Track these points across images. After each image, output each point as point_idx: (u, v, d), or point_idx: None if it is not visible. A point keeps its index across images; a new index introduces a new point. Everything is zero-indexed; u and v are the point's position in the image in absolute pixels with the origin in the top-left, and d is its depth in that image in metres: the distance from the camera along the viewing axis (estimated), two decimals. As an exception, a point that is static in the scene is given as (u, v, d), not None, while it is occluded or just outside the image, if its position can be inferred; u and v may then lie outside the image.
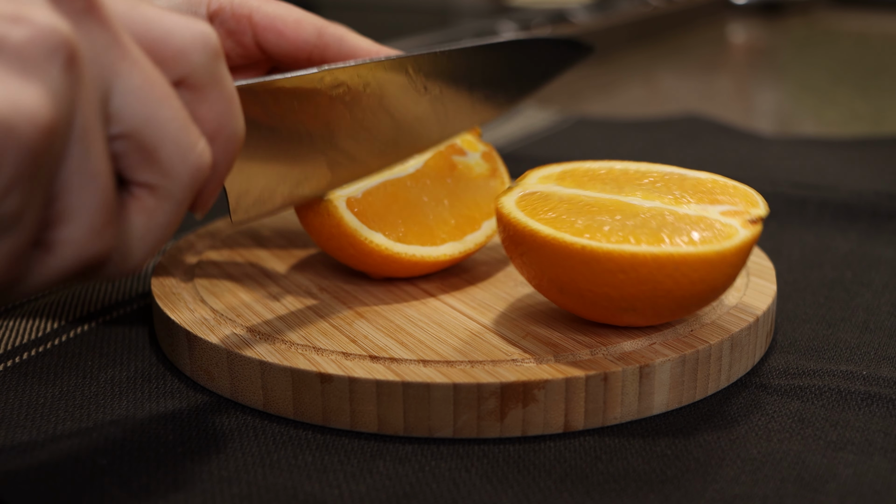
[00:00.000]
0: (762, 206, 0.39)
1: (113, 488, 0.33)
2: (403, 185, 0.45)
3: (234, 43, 0.47)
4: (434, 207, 0.46)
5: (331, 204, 0.43)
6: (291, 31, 0.47)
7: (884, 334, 0.44)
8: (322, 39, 0.47)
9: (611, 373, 0.37)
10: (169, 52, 0.30)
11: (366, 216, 0.43)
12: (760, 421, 0.38)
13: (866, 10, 1.71)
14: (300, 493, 0.33)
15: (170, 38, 0.30)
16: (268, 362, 0.38)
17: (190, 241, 0.50)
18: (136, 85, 0.29)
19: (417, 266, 0.44)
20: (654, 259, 0.36)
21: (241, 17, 0.46)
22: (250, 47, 0.47)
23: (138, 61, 0.29)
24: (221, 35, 0.47)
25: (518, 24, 1.24)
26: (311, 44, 0.47)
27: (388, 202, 0.44)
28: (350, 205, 0.43)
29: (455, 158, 0.48)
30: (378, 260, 0.44)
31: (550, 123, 0.88)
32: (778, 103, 1.07)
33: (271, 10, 0.47)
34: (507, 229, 0.40)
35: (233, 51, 0.47)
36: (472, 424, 0.36)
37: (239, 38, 0.47)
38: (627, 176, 0.42)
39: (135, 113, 0.29)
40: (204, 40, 0.30)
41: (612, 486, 0.33)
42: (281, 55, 0.47)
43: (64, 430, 0.37)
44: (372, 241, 0.43)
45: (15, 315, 0.46)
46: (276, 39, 0.47)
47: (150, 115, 0.29)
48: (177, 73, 0.30)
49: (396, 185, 0.45)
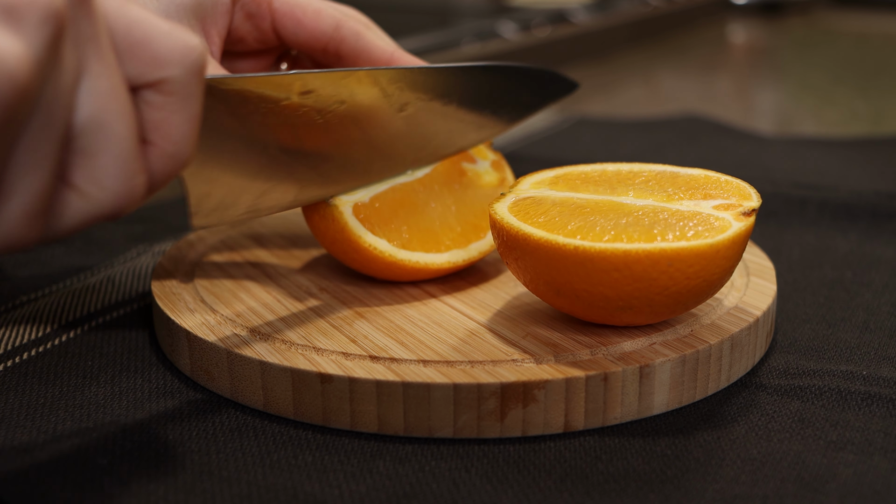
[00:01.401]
0: (755, 199, 0.39)
1: (113, 488, 0.33)
2: (413, 189, 0.45)
3: (251, 26, 0.47)
4: (441, 213, 0.46)
5: (336, 209, 0.43)
6: (310, 21, 0.47)
7: (884, 334, 0.44)
8: (339, 32, 0.47)
9: (611, 373, 0.37)
10: (147, 56, 0.29)
11: (371, 221, 0.43)
12: (760, 421, 0.38)
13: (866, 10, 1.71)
14: (300, 493, 0.33)
15: (152, 42, 0.29)
16: (268, 362, 0.38)
17: (190, 242, 0.50)
18: (101, 88, 0.28)
19: (420, 273, 0.44)
20: (647, 256, 0.36)
21: (262, 2, 0.47)
22: (267, 32, 0.47)
23: (111, 67, 0.29)
24: (241, 17, 0.47)
25: (518, 24, 1.24)
26: (327, 35, 0.47)
27: (395, 207, 0.44)
28: (356, 210, 0.43)
29: (464, 165, 0.48)
30: (381, 266, 0.44)
31: (550, 123, 0.88)
32: (778, 103, 1.07)
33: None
34: (501, 235, 0.40)
35: (249, 34, 0.47)
36: (472, 424, 0.36)
37: (257, 22, 0.47)
38: (620, 177, 0.42)
39: (91, 114, 0.28)
40: (186, 53, 0.30)
41: (613, 486, 0.33)
42: (297, 43, 0.48)
43: (64, 430, 0.37)
44: (375, 248, 0.43)
45: (15, 315, 0.46)
46: (294, 27, 0.47)
47: (104, 124, 0.29)
48: (150, 77, 0.30)
49: (405, 189, 0.45)
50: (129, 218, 0.63)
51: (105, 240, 0.57)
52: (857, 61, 1.29)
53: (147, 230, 0.59)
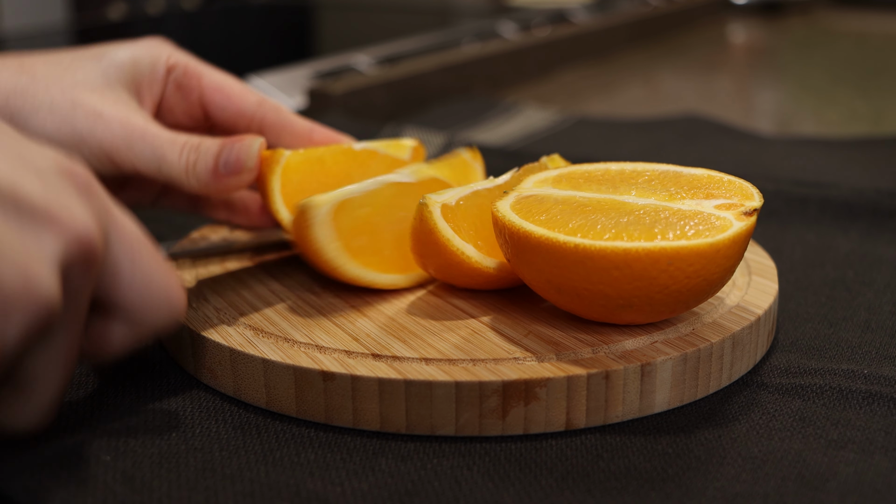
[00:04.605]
0: (757, 198, 0.39)
1: (116, 485, 0.33)
2: (491, 195, 0.44)
3: (181, 98, 0.51)
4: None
5: (426, 208, 0.41)
6: (237, 96, 0.51)
7: (885, 333, 0.45)
8: (262, 108, 0.51)
9: (612, 371, 0.37)
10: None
11: (456, 225, 0.42)
12: (761, 419, 0.38)
13: (866, 10, 1.71)
14: (303, 491, 0.33)
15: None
16: (271, 360, 0.38)
17: (193, 240, 0.50)
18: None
19: (501, 281, 0.43)
20: (647, 254, 0.36)
21: (193, 76, 0.51)
22: (195, 106, 0.51)
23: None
24: (172, 88, 0.51)
25: (518, 24, 1.24)
26: (251, 110, 0.51)
27: (474, 212, 0.43)
28: (444, 212, 0.42)
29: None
30: (465, 271, 0.42)
31: (550, 123, 0.88)
32: (778, 103, 1.07)
33: (220, 77, 0.51)
34: (503, 232, 0.40)
35: (177, 106, 0.51)
36: (473, 422, 0.36)
37: (186, 94, 0.51)
38: (623, 176, 0.42)
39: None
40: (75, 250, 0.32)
41: (614, 484, 0.34)
42: (223, 118, 0.51)
43: (67, 426, 0.37)
44: (464, 254, 0.42)
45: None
46: (223, 102, 0.51)
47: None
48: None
49: (484, 195, 0.44)
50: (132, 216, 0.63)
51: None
52: (857, 61, 1.29)
53: (150, 229, 0.59)
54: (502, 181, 0.45)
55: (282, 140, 0.51)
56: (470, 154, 0.51)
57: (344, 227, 0.42)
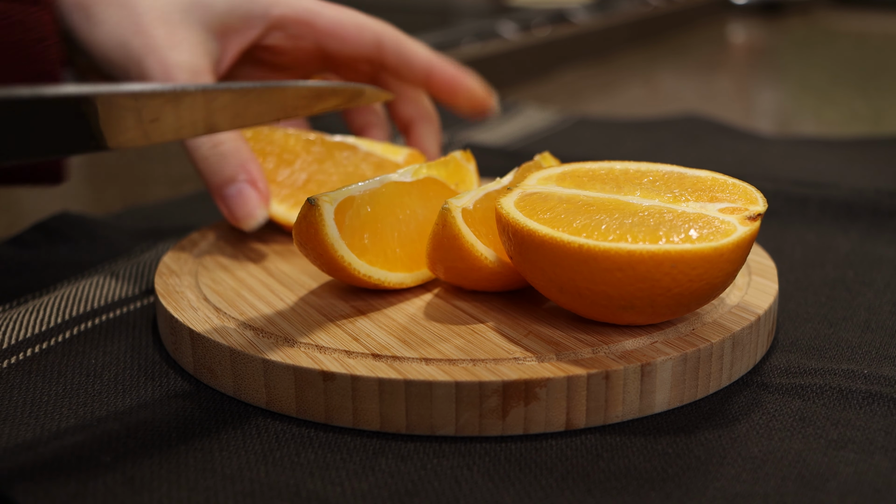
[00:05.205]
0: (761, 203, 0.39)
1: (116, 485, 0.33)
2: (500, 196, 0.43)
3: (294, 47, 0.49)
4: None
5: (449, 214, 0.41)
6: (352, 39, 0.49)
7: (885, 333, 0.45)
8: (380, 53, 0.49)
9: (612, 371, 0.37)
10: None
11: (476, 230, 0.42)
12: (762, 419, 0.38)
13: (866, 10, 1.71)
14: (303, 491, 0.33)
15: None
16: (271, 360, 0.38)
17: (193, 240, 0.50)
18: None
19: (512, 284, 0.43)
20: (651, 256, 0.36)
21: (303, 24, 0.49)
22: (311, 51, 0.49)
23: None
24: (281, 38, 0.49)
25: (518, 24, 1.24)
26: (368, 54, 0.49)
27: (488, 215, 0.43)
28: (465, 216, 0.41)
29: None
30: (485, 275, 0.42)
31: (550, 123, 0.88)
32: (778, 103, 1.07)
33: (333, 16, 0.49)
34: (506, 230, 0.40)
35: (291, 53, 0.49)
36: (474, 422, 0.36)
37: (299, 42, 0.49)
38: (627, 175, 0.42)
39: None
40: None
41: (614, 484, 0.34)
42: (342, 59, 0.50)
43: (67, 427, 0.37)
44: (487, 259, 0.41)
45: (18, 312, 0.46)
46: (338, 45, 0.49)
47: None
48: None
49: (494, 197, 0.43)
50: (133, 216, 0.64)
51: (109, 237, 0.57)
52: (857, 61, 1.29)
53: (150, 228, 0.60)
54: (507, 182, 0.45)
55: (397, 86, 0.50)
56: (463, 156, 0.51)
57: (347, 226, 0.42)
